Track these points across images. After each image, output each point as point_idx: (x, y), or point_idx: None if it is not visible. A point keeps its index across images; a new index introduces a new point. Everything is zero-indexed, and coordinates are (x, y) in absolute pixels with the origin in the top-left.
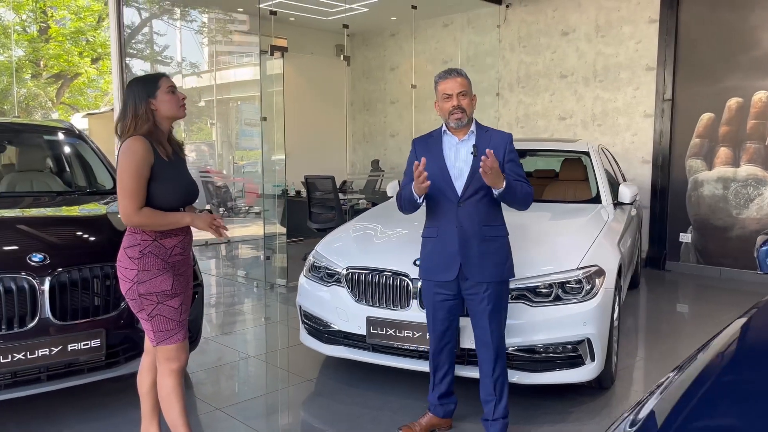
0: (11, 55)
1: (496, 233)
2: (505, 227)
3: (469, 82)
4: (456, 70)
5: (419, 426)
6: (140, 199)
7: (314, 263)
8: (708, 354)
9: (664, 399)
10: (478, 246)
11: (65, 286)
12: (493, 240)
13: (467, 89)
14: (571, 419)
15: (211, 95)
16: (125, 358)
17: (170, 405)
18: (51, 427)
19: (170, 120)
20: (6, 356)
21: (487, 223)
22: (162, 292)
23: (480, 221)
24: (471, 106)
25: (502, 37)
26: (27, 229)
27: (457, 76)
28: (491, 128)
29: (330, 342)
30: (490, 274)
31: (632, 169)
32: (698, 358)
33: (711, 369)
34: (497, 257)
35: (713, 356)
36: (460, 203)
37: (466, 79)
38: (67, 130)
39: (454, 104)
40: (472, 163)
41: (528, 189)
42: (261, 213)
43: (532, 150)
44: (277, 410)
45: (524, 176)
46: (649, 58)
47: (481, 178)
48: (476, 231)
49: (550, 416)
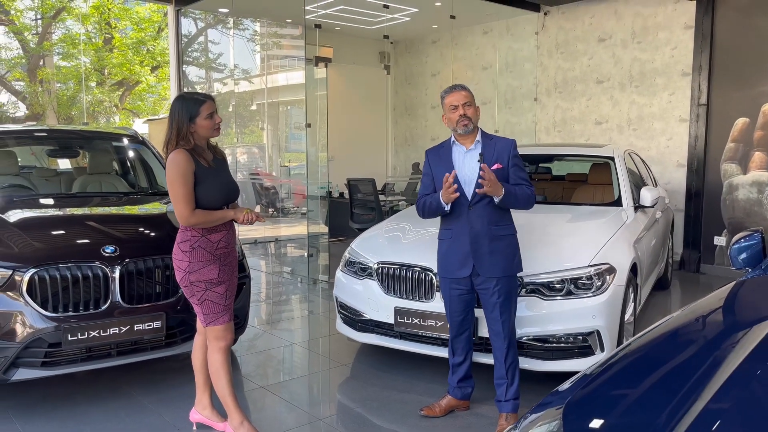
0: (79, 64)
1: (504, 232)
2: (513, 226)
3: (472, 95)
4: (459, 85)
5: (439, 407)
6: (191, 202)
7: (349, 259)
8: (654, 328)
9: (600, 365)
10: (488, 244)
11: (132, 274)
12: (501, 238)
13: (471, 100)
14: None
15: (263, 99)
16: (182, 339)
17: (218, 377)
18: (115, 399)
19: (206, 139)
20: (83, 333)
21: (495, 223)
22: (209, 280)
23: (489, 222)
24: (475, 115)
25: (540, 43)
26: (100, 224)
27: (461, 90)
28: (496, 136)
29: (362, 330)
30: (500, 270)
31: (667, 173)
32: (643, 335)
33: (636, 346)
34: (506, 253)
35: (649, 335)
36: (471, 206)
37: (469, 92)
38: (132, 137)
39: (460, 113)
40: (479, 170)
41: (528, 191)
42: (306, 214)
43: (560, 155)
44: (315, 390)
45: (527, 179)
46: (685, 64)
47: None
48: (486, 231)
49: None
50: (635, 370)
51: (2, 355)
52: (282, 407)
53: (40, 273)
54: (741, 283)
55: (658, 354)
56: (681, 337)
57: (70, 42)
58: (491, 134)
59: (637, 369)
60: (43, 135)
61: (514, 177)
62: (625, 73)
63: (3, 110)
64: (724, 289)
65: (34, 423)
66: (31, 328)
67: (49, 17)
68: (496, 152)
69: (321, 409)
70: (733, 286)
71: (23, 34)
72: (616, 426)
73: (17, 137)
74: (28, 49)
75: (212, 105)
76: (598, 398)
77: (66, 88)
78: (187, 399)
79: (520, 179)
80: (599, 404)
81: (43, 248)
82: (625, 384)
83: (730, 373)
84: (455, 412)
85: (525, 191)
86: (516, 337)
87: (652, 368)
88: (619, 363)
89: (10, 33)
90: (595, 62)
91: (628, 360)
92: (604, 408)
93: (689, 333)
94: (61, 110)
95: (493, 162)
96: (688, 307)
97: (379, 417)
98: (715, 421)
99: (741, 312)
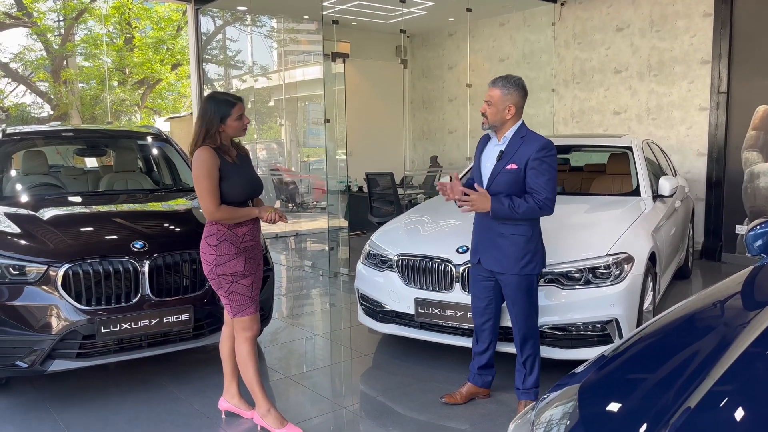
0: (101, 64)
1: (511, 231)
2: (528, 227)
3: (502, 93)
4: (494, 80)
5: (460, 395)
6: (217, 198)
7: (370, 251)
8: (670, 311)
9: (615, 348)
10: (493, 239)
11: (161, 268)
12: (506, 237)
13: (493, 100)
14: None
15: (280, 95)
16: (209, 331)
17: (246, 367)
18: (146, 390)
19: (232, 138)
20: (116, 326)
21: (503, 222)
22: (236, 272)
23: (496, 219)
24: (495, 115)
25: (557, 34)
26: (129, 221)
27: (492, 87)
28: (532, 134)
29: (383, 321)
30: (500, 266)
31: (687, 162)
32: (657, 319)
33: (651, 330)
34: (512, 252)
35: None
36: None
37: (498, 90)
38: (156, 135)
39: (481, 110)
40: (494, 167)
41: (531, 203)
42: (326, 208)
43: (578, 146)
44: (338, 380)
45: (542, 186)
46: (704, 52)
47: (500, 182)
48: (493, 227)
49: None
50: (650, 354)
51: (39, 347)
52: (306, 396)
53: (73, 268)
54: (759, 268)
55: (673, 338)
56: (696, 322)
57: (92, 42)
58: (529, 131)
59: (653, 352)
60: (70, 135)
61: (528, 182)
62: (644, 62)
63: (27, 110)
64: (741, 274)
65: (69, 412)
66: (66, 321)
67: (71, 18)
68: (517, 152)
69: (344, 399)
70: (750, 272)
71: (46, 36)
72: (630, 408)
73: (46, 137)
74: (52, 51)
75: (242, 107)
76: (613, 381)
77: (89, 88)
78: (216, 389)
79: (533, 185)
80: (614, 386)
81: (75, 244)
82: (640, 367)
83: (738, 355)
84: (476, 400)
85: (526, 203)
86: (535, 329)
87: (667, 352)
88: (635, 346)
89: (33, 35)
90: (613, 52)
91: (643, 344)
92: (619, 390)
93: (704, 317)
94: (85, 110)
95: (508, 162)
96: (704, 292)
97: (402, 405)
98: (721, 401)
99: (757, 297)
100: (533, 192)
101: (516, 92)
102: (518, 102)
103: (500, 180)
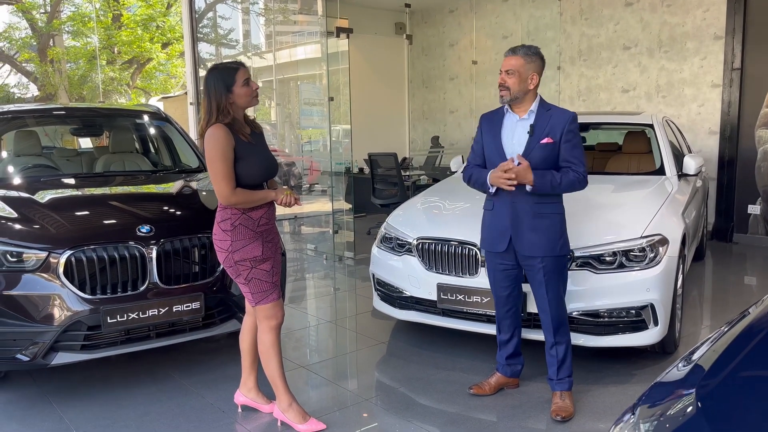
0: (89, 43)
1: (549, 210)
2: (561, 205)
3: (525, 62)
4: (514, 48)
5: (488, 385)
6: (232, 180)
7: (386, 234)
8: (758, 310)
9: (713, 350)
10: (529, 221)
11: (169, 254)
12: (545, 216)
13: (515, 68)
14: (634, 381)
15: (280, 74)
16: (220, 320)
17: (269, 358)
18: (154, 382)
19: (245, 108)
20: (123, 315)
21: (540, 201)
22: (254, 257)
23: (533, 198)
24: (518, 85)
25: (563, 9)
26: (131, 204)
27: (511, 55)
28: (555, 106)
29: (402, 307)
30: (542, 249)
31: (698, 141)
32: (750, 313)
33: (758, 323)
34: (549, 233)
35: (762, 312)
36: None
37: (521, 58)
38: (154, 114)
39: (500, 81)
40: (527, 142)
41: (571, 177)
42: (326, 190)
43: (596, 123)
44: (356, 370)
45: (578, 159)
46: (717, 27)
47: (535, 157)
48: (529, 207)
49: (614, 377)
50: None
51: (41, 339)
52: (324, 387)
53: (76, 254)
54: None
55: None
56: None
57: (80, 20)
58: (550, 104)
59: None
60: (63, 114)
61: (565, 155)
62: (654, 38)
63: (11, 91)
64: None
65: (74, 407)
66: (69, 311)
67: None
68: (549, 125)
69: (364, 390)
70: None
71: (32, 13)
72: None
73: (38, 116)
74: (37, 29)
75: (246, 71)
76: (736, 386)
77: (77, 68)
78: (229, 381)
79: (570, 158)
80: (739, 393)
81: (77, 229)
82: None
83: None
84: (505, 390)
85: (567, 177)
86: (566, 314)
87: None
88: (746, 341)
89: (18, 12)
90: (622, 27)
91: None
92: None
93: None
94: (73, 90)
95: (543, 135)
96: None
97: (426, 396)
98: None
99: None
100: (571, 165)
101: (538, 60)
102: (540, 71)
103: (536, 155)
